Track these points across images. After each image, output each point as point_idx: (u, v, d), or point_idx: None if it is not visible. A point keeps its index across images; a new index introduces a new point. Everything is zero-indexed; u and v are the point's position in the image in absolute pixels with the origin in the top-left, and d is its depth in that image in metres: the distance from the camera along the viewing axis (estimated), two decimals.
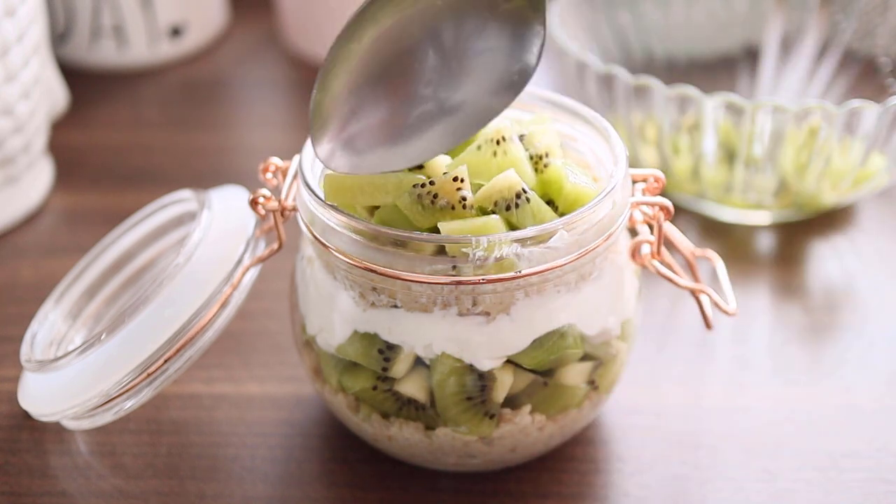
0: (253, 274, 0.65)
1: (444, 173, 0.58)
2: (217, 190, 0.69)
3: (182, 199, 0.70)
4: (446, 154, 0.62)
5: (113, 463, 0.67)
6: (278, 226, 0.63)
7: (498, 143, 0.60)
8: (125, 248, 0.72)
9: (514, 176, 0.58)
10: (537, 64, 0.61)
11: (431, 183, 0.57)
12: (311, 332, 0.63)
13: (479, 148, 0.60)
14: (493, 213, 0.58)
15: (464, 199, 0.57)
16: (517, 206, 0.58)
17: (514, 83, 0.61)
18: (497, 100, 0.61)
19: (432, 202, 0.57)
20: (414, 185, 0.58)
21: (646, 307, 0.74)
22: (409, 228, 0.58)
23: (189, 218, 0.70)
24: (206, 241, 0.64)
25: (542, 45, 0.60)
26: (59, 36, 1.06)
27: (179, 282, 0.63)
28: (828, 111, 0.77)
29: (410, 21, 0.58)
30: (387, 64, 0.58)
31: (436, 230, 0.58)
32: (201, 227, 0.65)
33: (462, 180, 0.57)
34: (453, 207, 0.57)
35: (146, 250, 0.72)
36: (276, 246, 0.64)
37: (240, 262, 0.64)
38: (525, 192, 0.58)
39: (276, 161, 0.65)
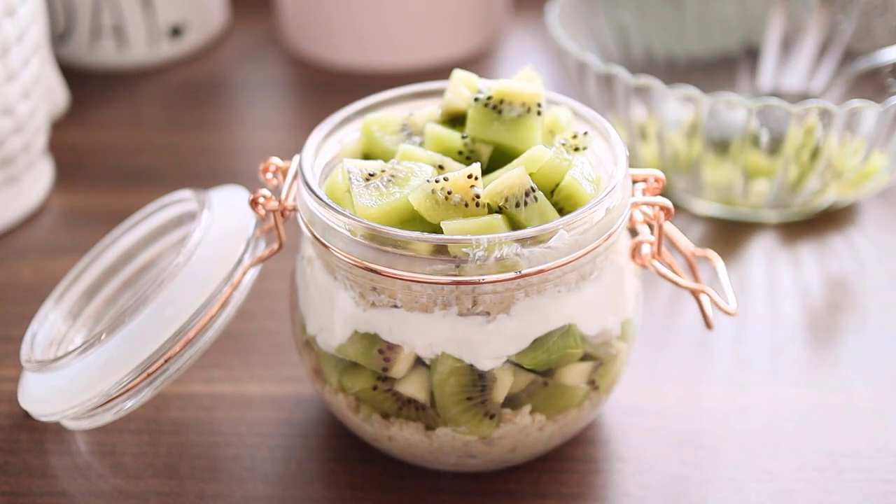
0: (253, 274, 0.65)
1: (444, 169, 0.58)
2: (217, 190, 0.69)
3: (182, 199, 0.70)
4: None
5: (113, 463, 0.67)
6: (278, 226, 0.63)
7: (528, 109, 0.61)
8: (125, 248, 0.72)
9: (523, 173, 0.58)
10: None
11: (445, 179, 0.57)
12: (312, 333, 0.63)
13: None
14: (503, 209, 0.58)
15: (477, 196, 0.57)
16: (526, 203, 0.57)
17: None
18: None
19: (446, 198, 0.57)
20: (427, 180, 0.58)
21: (646, 307, 0.74)
22: (409, 227, 0.58)
23: (189, 218, 0.70)
24: (206, 241, 0.64)
25: None
26: (59, 36, 1.06)
27: (179, 282, 0.63)
28: (828, 111, 0.77)
29: None
30: None
31: (440, 228, 0.57)
32: (201, 227, 0.65)
33: (476, 178, 0.57)
34: (467, 205, 0.57)
35: (146, 250, 0.72)
36: (276, 246, 0.64)
37: (240, 262, 0.64)
38: (534, 190, 0.58)
39: (276, 161, 0.65)
